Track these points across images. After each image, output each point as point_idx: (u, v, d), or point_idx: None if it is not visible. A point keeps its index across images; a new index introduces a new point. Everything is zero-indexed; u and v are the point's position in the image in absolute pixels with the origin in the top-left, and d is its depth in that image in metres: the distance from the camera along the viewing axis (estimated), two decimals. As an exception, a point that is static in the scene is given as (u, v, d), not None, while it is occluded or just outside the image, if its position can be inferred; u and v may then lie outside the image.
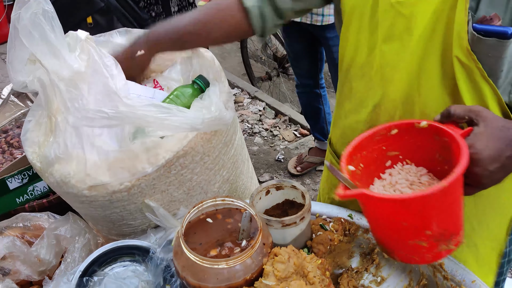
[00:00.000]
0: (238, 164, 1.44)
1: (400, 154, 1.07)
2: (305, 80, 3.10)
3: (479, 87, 1.01)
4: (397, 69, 1.08)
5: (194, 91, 1.28)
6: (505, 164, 0.93)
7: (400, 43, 1.06)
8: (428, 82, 1.06)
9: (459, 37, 0.97)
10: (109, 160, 1.14)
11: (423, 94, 1.08)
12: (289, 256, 1.02)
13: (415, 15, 1.02)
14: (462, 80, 1.01)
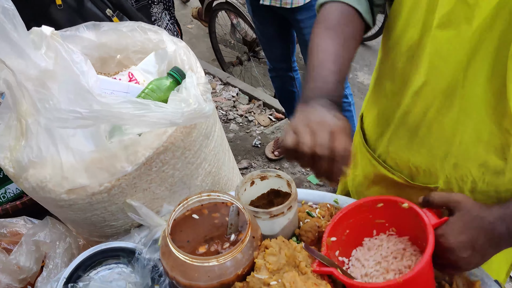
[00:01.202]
0: (220, 156, 1.41)
1: (386, 223, 1.13)
2: (278, 64, 3.07)
3: None
4: (446, 58, 1.00)
5: (170, 84, 1.24)
6: (479, 250, 0.96)
7: (456, 32, 0.97)
8: (474, 77, 0.99)
9: None
10: (86, 162, 1.09)
11: (466, 88, 1.00)
12: (280, 248, 1.01)
13: (479, 4, 0.93)
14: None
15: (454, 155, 1.09)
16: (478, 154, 1.07)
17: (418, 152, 1.15)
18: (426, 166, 1.15)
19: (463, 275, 1.10)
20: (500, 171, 1.07)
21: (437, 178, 1.15)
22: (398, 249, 1.12)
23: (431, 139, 1.11)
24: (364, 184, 1.38)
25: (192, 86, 1.18)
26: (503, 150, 1.04)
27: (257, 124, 3.88)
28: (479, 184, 1.12)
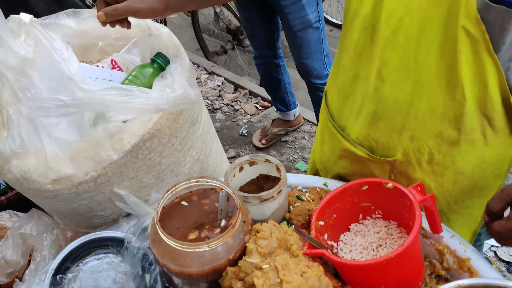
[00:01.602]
0: (207, 143, 1.39)
1: (372, 205, 1.15)
2: (263, 51, 3.05)
3: (482, 61, 0.95)
4: (396, 30, 1.01)
5: (154, 70, 1.22)
6: None
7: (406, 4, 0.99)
8: (425, 50, 1.00)
9: (468, 5, 0.90)
10: (71, 151, 1.07)
11: (419, 62, 1.02)
12: (271, 231, 1.00)
13: None
14: (465, 52, 0.95)
15: (410, 128, 1.11)
16: (433, 126, 1.09)
17: (375, 126, 1.17)
18: (385, 139, 1.17)
19: (454, 254, 1.10)
20: (454, 141, 1.09)
21: (395, 151, 1.18)
22: (385, 234, 1.12)
23: (388, 113, 1.12)
24: (330, 160, 1.39)
25: (177, 72, 1.16)
26: (457, 121, 1.05)
27: (244, 113, 3.86)
28: (436, 155, 1.14)
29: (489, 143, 1.10)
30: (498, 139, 1.09)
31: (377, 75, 1.10)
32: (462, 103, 1.02)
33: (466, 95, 1.00)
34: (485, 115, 1.04)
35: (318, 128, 1.53)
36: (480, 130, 1.07)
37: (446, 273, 1.10)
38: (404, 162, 1.19)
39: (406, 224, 1.10)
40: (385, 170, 1.23)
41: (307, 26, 2.66)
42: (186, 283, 1.01)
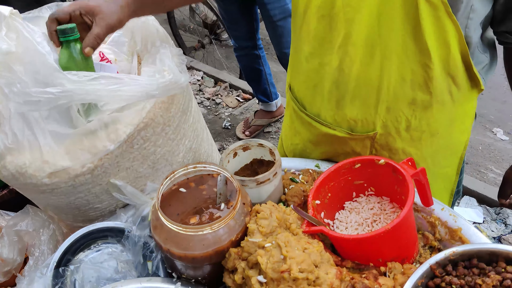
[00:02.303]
0: (199, 132, 1.41)
1: (364, 183, 1.19)
2: (243, 42, 3.06)
3: (443, 24, 1.02)
4: (358, 9, 1.06)
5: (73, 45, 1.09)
6: None
7: None
8: (388, 23, 1.06)
9: None
10: (67, 143, 1.07)
11: (383, 36, 1.08)
12: (270, 212, 1.03)
13: None
14: (427, 19, 1.01)
15: (385, 100, 1.17)
16: (406, 94, 1.15)
17: (352, 106, 1.21)
18: (362, 116, 1.22)
19: (445, 225, 1.15)
20: (427, 105, 1.16)
21: (374, 125, 1.23)
22: (378, 209, 1.16)
23: (362, 91, 1.17)
24: (306, 150, 1.43)
25: (167, 57, 1.17)
26: (427, 84, 1.12)
27: (225, 106, 3.87)
28: (412, 122, 1.20)
29: (456, 101, 1.18)
30: (462, 95, 1.18)
31: (344, 58, 1.14)
32: (430, 67, 1.08)
33: (433, 59, 1.07)
34: (450, 74, 1.12)
35: (285, 123, 1.56)
36: (447, 90, 1.14)
37: (438, 244, 1.15)
38: (384, 134, 1.24)
39: (399, 199, 1.14)
40: (366, 146, 1.28)
41: (287, 15, 2.69)
42: (190, 267, 1.02)
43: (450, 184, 1.41)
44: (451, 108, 1.20)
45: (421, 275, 0.96)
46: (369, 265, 1.04)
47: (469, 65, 1.11)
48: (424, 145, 1.28)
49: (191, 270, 1.04)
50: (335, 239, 1.05)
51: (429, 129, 1.23)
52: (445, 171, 1.37)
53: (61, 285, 1.06)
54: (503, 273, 0.92)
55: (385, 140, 1.26)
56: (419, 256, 1.12)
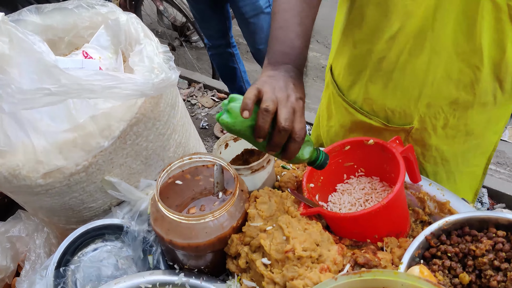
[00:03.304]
0: (187, 127, 1.42)
1: (354, 164, 1.21)
2: (216, 41, 3.07)
3: (503, 28, 0.99)
4: (419, 3, 1.03)
5: None
6: None
7: None
8: (443, 18, 1.03)
9: None
10: (60, 142, 1.06)
11: (436, 30, 1.05)
12: (269, 196, 1.05)
13: None
14: (487, 19, 0.98)
15: (427, 95, 1.16)
16: (449, 92, 1.14)
17: (393, 95, 1.20)
18: (401, 108, 1.21)
19: (434, 199, 1.19)
20: (469, 105, 1.15)
21: (412, 118, 1.22)
22: (369, 189, 1.20)
23: (405, 82, 1.16)
24: (339, 134, 1.42)
25: (154, 54, 1.18)
26: (472, 86, 1.11)
27: (201, 107, 3.87)
28: (451, 120, 1.20)
29: (498, 103, 1.17)
30: (505, 99, 1.17)
31: (393, 47, 1.12)
32: (479, 68, 1.07)
33: (484, 61, 1.05)
34: (498, 78, 1.10)
35: (323, 104, 1.53)
36: (492, 93, 1.13)
37: (429, 218, 1.19)
38: (420, 129, 1.24)
39: (388, 177, 1.18)
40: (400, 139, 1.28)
41: (258, 12, 2.71)
42: (193, 256, 1.04)
43: (476, 183, 1.41)
44: (491, 110, 1.19)
45: (417, 247, 1.00)
46: (366, 241, 1.07)
47: None
48: (457, 143, 1.27)
49: (193, 260, 1.05)
50: (332, 219, 1.08)
51: (465, 128, 1.22)
52: (473, 170, 1.37)
53: (63, 285, 1.06)
54: (495, 237, 0.97)
55: (420, 135, 1.26)
56: (411, 231, 1.17)
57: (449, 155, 1.29)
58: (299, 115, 0.89)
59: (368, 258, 0.95)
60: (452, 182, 1.31)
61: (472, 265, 0.97)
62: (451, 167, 1.33)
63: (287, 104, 0.88)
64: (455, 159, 1.30)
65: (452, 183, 1.25)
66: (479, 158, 1.36)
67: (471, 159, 1.34)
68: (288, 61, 0.98)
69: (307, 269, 0.92)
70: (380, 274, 0.79)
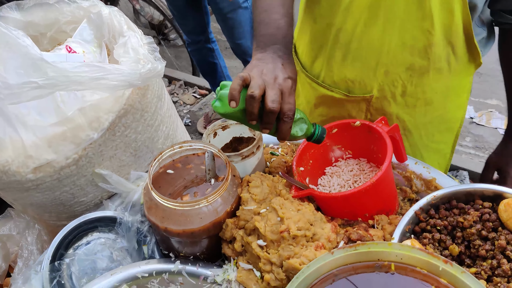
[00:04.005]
0: (174, 119, 1.42)
1: (342, 147, 1.24)
2: (195, 37, 3.07)
3: None
4: None
5: None
6: None
7: None
8: None
9: None
10: (49, 136, 1.06)
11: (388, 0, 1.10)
12: (261, 180, 1.06)
13: None
14: None
15: (384, 63, 1.21)
16: (405, 59, 1.19)
17: (352, 66, 1.26)
18: (361, 77, 1.26)
19: (420, 177, 1.22)
20: (424, 71, 1.21)
21: (371, 88, 1.27)
22: (357, 170, 1.22)
23: (363, 52, 1.21)
24: (306, 111, 1.47)
25: (138, 45, 1.18)
26: (426, 51, 1.17)
27: (183, 104, 3.86)
28: (408, 87, 1.25)
29: (453, 71, 1.23)
30: (459, 66, 1.23)
31: (348, 19, 1.18)
32: (431, 33, 1.13)
33: (435, 25, 1.11)
34: (450, 43, 1.16)
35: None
36: (445, 58, 1.19)
37: (416, 195, 1.22)
38: (380, 97, 1.29)
39: (376, 158, 1.21)
40: (362, 109, 1.33)
41: (236, 7, 2.72)
42: (188, 243, 1.04)
43: (444, 161, 1.46)
44: (447, 77, 1.24)
45: (407, 222, 1.03)
46: (357, 220, 1.10)
47: (470, 35, 1.15)
48: (418, 112, 1.32)
49: (189, 247, 1.06)
50: (323, 200, 1.10)
51: (424, 96, 1.27)
52: (440, 147, 1.42)
53: (59, 278, 1.05)
54: (481, 209, 1.01)
55: (380, 104, 1.30)
56: (400, 209, 1.19)
57: (411, 125, 1.34)
58: (287, 95, 0.91)
59: (361, 234, 0.97)
60: (419, 157, 1.36)
61: (461, 236, 1.00)
62: (415, 140, 1.38)
63: (274, 86, 0.91)
64: (418, 131, 1.35)
65: (419, 159, 1.30)
66: (446, 135, 1.41)
67: (436, 135, 1.39)
68: (276, 41, 1.01)
69: (302, 248, 0.93)
70: (375, 246, 0.82)
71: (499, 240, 0.94)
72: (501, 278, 0.92)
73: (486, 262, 0.95)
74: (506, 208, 0.96)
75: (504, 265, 0.91)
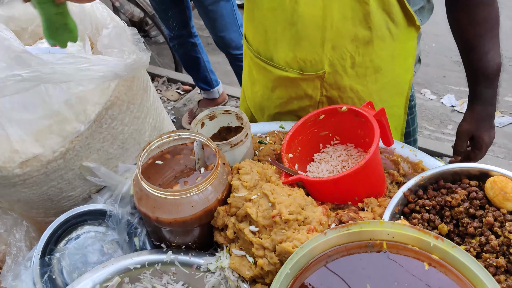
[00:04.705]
0: (160, 110, 1.41)
1: (330, 133, 1.26)
2: (178, 32, 3.05)
3: None
4: None
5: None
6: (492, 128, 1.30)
7: None
8: None
9: None
10: (35, 130, 1.04)
11: None
12: (251, 167, 1.07)
13: None
14: None
15: (330, 38, 1.25)
16: (348, 31, 1.24)
17: (300, 46, 1.29)
18: (311, 56, 1.29)
19: (407, 160, 1.24)
20: (368, 40, 1.25)
21: (322, 64, 1.30)
22: (345, 156, 1.23)
23: (308, 31, 1.25)
24: (264, 96, 1.50)
25: (123, 37, 1.17)
26: (366, 20, 1.22)
27: (167, 100, 3.84)
28: (356, 58, 1.29)
29: (395, 37, 1.28)
30: (400, 32, 1.28)
31: (289, 1, 1.22)
32: (367, 3, 1.18)
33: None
34: (385, 10, 1.22)
35: (244, 74, 1.63)
36: (385, 26, 1.24)
37: (404, 178, 1.24)
38: (332, 72, 1.32)
39: (363, 143, 1.22)
40: (317, 86, 1.35)
41: (217, 0, 2.72)
42: (180, 232, 1.04)
43: (399, 123, 1.51)
44: (391, 44, 1.29)
45: (396, 203, 1.04)
46: (347, 203, 1.11)
47: (402, 2, 1.21)
48: (370, 81, 1.37)
49: (181, 236, 1.06)
50: (313, 185, 1.11)
51: (372, 65, 1.32)
52: (394, 111, 1.46)
53: (50, 273, 1.04)
54: (468, 187, 1.03)
55: (333, 79, 1.33)
56: (388, 192, 1.21)
57: (364, 95, 1.37)
58: None
59: (351, 217, 0.98)
60: None
61: (449, 215, 1.02)
62: None
63: None
64: (371, 97, 1.38)
65: None
66: (397, 98, 1.46)
67: (389, 99, 1.43)
68: None
69: (294, 232, 0.94)
70: (366, 226, 0.83)
71: (487, 217, 0.96)
72: (490, 254, 0.94)
73: (475, 239, 0.97)
74: (492, 185, 0.98)
75: (492, 241, 0.93)
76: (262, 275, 0.96)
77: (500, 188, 0.97)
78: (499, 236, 0.94)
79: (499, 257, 0.93)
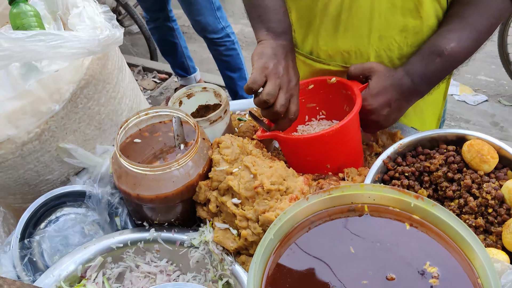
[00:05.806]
0: (136, 91, 1.39)
1: (316, 106, 1.25)
2: (155, 14, 3.01)
3: None
4: None
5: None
6: (395, 106, 1.13)
7: None
8: None
9: None
10: (8, 111, 1.01)
11: None
12: (231, 141, 1.06)
13: None
14: None
15: (377, 28, 1.19)
16: (397, 21, 1.18)
17: (345, 37, 1.23)
18: (356, 47, 1.24)
19: (385, 131, 1.25)
20: (418, 30, 1.19)
21: (368, 55, 1.24)
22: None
23: (354, 21, 1.19)
24: None
25: (94, 14, 1.14)
26: (417, 10, 1.15)
27: (143, 90, 3.79)
28: (404, 49, 1.23)
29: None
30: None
31: None
32: None
33: None
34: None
35: None
36: (435, 14, 1.17)
37: (382, 149, 1.25)
38: None
39: None
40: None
41: (193, -17, 2.69)
42: (162, 209, 1.03)
43: (437, 109, 1.44)
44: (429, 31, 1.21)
45: (376, 171, 1.05)
46: (328, 174, 1.11)
47: None
48: None
49: (163, 213, 1.05)
50: (287, 143, 1.11)
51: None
52: (434, 97, 1.37)
53: (30, 255, 1.02)
54: (446, 152, 1.04)
55: None
56: (367, 164, 1.22)
57: None
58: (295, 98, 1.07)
59: (333, 185, 0.99)
60: (419, 112, 1.35)
61: (428, 181, 1.03)
62: None
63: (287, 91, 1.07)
64: None
65: (419, 114, 1.30)
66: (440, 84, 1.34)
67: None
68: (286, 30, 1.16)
69: (277, 201, 0.94)
70: (348, 189, 0.83)
71: (465, 180, 0.98)
72: (469, 215, 0.95)
73: (454, 202, 0.99)
74: (469, 149, 1.00)
75: (471, 202, 0.95)
76: (246, 246, 0.96)
77: (477, 150, 0.98)
78: (477, 198, 0.96)
79: (477, 217, 0.95)
